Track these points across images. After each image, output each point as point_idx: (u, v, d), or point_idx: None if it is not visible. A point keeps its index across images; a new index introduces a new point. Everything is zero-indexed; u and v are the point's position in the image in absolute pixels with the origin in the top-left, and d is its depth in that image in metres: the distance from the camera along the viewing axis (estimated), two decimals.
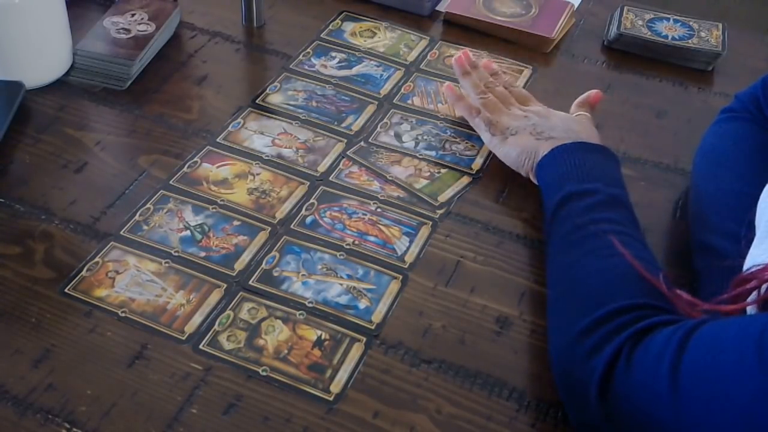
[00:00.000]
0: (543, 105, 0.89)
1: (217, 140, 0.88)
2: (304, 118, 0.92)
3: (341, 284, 0.74)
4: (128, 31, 0.98)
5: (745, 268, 0.60)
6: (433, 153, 0.88)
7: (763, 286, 0.55)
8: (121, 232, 0.77)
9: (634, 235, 0.70)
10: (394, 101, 0.95)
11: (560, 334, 0.65)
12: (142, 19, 1.00)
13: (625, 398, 0.57)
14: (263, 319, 0.71)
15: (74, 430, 0.62)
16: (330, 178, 0.84)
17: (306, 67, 0.99)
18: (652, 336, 0.57)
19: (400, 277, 0.75)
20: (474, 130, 0.91)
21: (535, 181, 0.82)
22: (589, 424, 0.61)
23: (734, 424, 0.50)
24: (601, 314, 0.61)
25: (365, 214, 0.81)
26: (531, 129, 0.83)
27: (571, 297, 0.66)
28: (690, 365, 0.53)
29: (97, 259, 0.75)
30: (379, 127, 0.91)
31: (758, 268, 0.56)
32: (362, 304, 0.72)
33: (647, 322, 0.59)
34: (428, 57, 1.03)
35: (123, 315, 0.70)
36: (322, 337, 0.70)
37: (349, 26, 1.07)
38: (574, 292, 0.67)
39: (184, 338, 0.69)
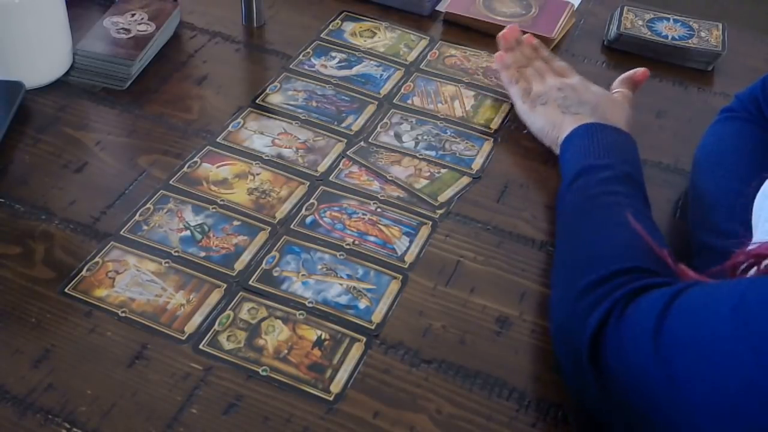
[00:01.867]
0: (582, 77, 0.91)
1: (217, 140, 0.88)
2: (304, 118, 0.92)
3: (341, 284, 0.74)
4: (128, 31, 0.98)
5: None
6: (433, 153, 0.88)
7: (764, 263, 0.55)
8: (121, 232, 0.77)
9: (643, 212, 0.72)
10: (394, 101, 0.95)
11: (561, 294, 0.67)
12: (142, 19, 1.00)
13: (614, 355, 0.58)
14: (263, 319, 0.71)
15: (74, 430, 0.62)
16: (330, 178, 0.84)
17: (306, 67, 0.99)
18: (645, 296, 0.58)
19: (400, 277, 0.75)
20: (474, 131, 0.92)
21: (556, 153, 0.84)
22: (582, 388, 0.62)
23: (710, 386, 0.50)
24: (601, 275, 0.63)
25: (365, 214, 0.81)
26: (560, 101, 0.86)
27: (576, 258, 0.68)
28: (672, 325, 0.54)
29: (97, 259, 0.75)
30: (379, 127, 0.91)
31: (752, 246, 0.57)
32: (362, 304, 0.72)
33: (642, 282, 0.60)
34: (428, 57, 1.03)
35: (123, 315, 0.70)
36: (322, 337, 0.70)
37: (349, 26, 1.07)
38: (578, 254, 0.68)
39: (184, 338, 0.69)
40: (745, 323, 0.49)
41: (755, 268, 0.56)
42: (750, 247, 0.57)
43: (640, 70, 0.90)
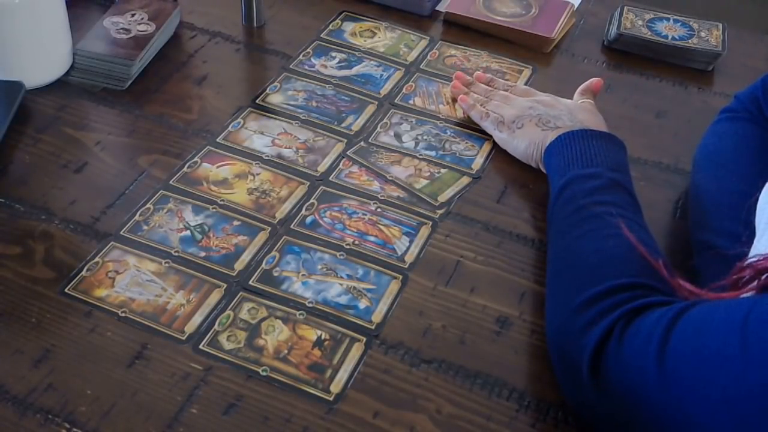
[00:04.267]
0: (546, 94, 0.90)
1: (217, 140, 0.88)
2: (304, 118, 0.92)
3: (341, 284, 0.74)
4: (128, 31, 0.98)
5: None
6: (433, 153, 0.88)
7: (764, 276, 0.55)
8: (121, 232, 0.77)
9: (635, 219, 0.71)
10: (394, 101, 0.95)
11: (557, 310, 0.67)
12: (142, 19, 1.00)
13: (616, 375, 0.58)
14: (263, 319, 0.71)
15: (74, 430, 0.62)
16: (330, 178, 0.84)
17: (306, 67, 0.99)
18: (645, 315, 0.58)
19: (400, 277, 0.75)
20: (474, 131, 0.92)
21: (544, 171, 0.83)
22: (583, 402, 0.62)
23: (716, 407, 0.50)
24: (599, 291, 0.62)
25: (365, 214, 0.81)
26: (536, 120, 0.85)
27: (570, 274, 0.67)
28: (676, 347, 0.54)
29: (97, 259, 0.75)
30: (379, 127, 0.91)
31: (755, 258, 0.56)
32: (362, 304, 0.72)
33: (642, 301, 0.60)
34: (428, 57, 1.03)
35: (123, 315, 0.70)
36: (322, 337, 0.70)
37: (349, 26, 1.07)
38: (572, 269, 0.68)
39: (184, 338, 0.69)
40: (750, 346, 0.49)
41: (756, 282, 0.55)
42: (752, 260, 0.56)
43: (594, 80, 0.90)
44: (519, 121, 0.86)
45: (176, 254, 0.75)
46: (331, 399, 0.65)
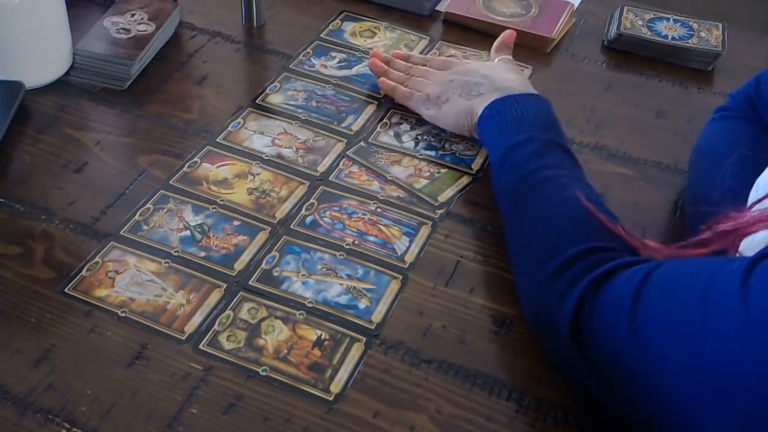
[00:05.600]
0: (464, 62, 0.93)
1: (217, 140, 0.88)
2: (304, 118, 0.92)
3: (341, 284, 0.74)
4: (128, 31, 0.98)
5: None
6: (433, 153, 0.88)
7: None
8: (121, 232, 0.77)
9: (576, 177, 0.73)
10: (394, 101, 0.95)
11: (527, 290, 0.69)
12: (142, 19, 1.00)
13: (593, 340, 0.60)
14: (263, 319, 0.71)
15: (74, 430, 0.62)
16: (330, 178, 0.84)
17: (306, 67, 0.99)
18: (613, 279, 0.60)
19: (400, 277, 0.75)
20: None
21: (478, 138, 0.85)
22: (573, 373, 0.64)
23: (688, 366, 0.52)
24: (561, 262, 0.64)
25: (365, 214, 0.81)
26: (459, 91, 0.87)
27: (529, 250, 0.69)
28: (646, 309, 0.56)
29: (97, 259, 0.75)
30: (378, 127, 0.91)
31: (721, 223, 0.59)
32: (362, 304, 0.72)
33: (605, 267, 0.61)
34: None
35: (123, 315, 0.70)
36: (322, 337, 0.70)
37: (349, 26, 1.07)
38: (530, 245, 0.70)
39: (184, 338, 0.69)
40: (709, 318, 0.51)
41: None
42: (717, 223, 0.59)
43: (506, 33, 0.93)
44: (443, 96, 0.88)
45: (176, 254, 0.76)
46: (331, 399, 0.65)
